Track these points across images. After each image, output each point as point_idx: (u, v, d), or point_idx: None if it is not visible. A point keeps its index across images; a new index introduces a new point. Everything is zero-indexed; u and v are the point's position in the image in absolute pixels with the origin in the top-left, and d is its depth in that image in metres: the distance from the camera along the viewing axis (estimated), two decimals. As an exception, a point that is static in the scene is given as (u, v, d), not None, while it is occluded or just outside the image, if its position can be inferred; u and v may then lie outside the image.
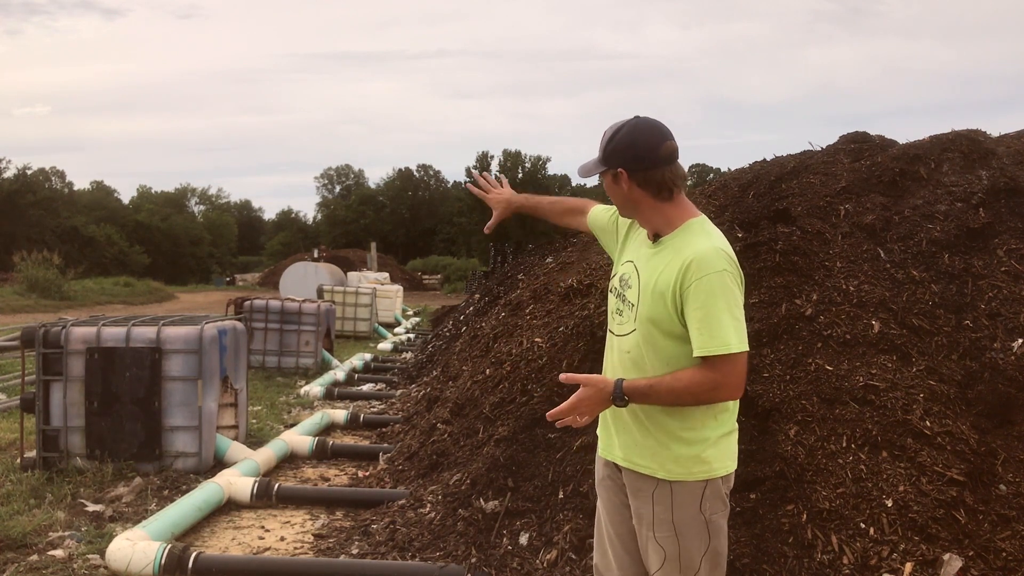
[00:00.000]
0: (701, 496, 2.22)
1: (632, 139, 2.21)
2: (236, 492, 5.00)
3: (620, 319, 2.33)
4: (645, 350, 2.22)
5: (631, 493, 2.33)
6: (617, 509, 2.41)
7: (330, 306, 12.19)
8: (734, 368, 2.08)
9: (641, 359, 2.23)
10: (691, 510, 2.22)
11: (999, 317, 4.16)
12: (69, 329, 5.55)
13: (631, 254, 2.39)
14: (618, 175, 2.24)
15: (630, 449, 2.29)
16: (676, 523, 2.23)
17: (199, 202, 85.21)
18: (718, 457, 2.23)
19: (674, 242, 2.23)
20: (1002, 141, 5.58)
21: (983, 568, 3.23)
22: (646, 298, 2.22)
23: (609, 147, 2.23)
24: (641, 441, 2.26)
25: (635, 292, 2.27)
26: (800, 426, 3.77)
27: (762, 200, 5.29)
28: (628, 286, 2.32)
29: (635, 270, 2.31)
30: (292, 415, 8.16)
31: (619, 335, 2.32)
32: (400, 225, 69.99)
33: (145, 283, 35.71)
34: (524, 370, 5.19)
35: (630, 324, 2.27)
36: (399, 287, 21.81)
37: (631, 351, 2.26)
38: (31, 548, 4.20)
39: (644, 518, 2.29)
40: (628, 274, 2.34)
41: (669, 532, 2.23)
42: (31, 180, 51.67)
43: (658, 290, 2.18)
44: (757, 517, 3.54)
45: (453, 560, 3.89)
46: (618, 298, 2.36)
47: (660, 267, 2.21)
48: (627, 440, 2.30)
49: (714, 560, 2.26)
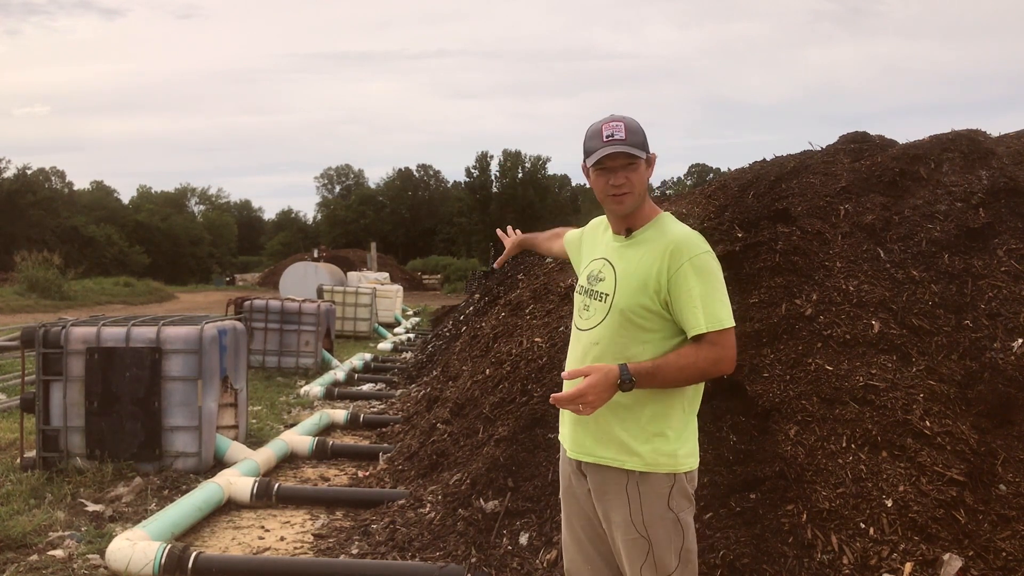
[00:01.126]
0: (668, 492, 2.24)
1: (642, 129, 2.31)
2: (236, 492, 5.00)
3: (587, 314, 2.36)
4: (613, 339, 2.26)
5: (597, 496, 2.33)
6: (586, 517, 2.41)
7: (330, 306, 12.19)
8: (729, 341, 2.19)
9: (608, 349, 2.26)
10: (659, 507, 2.24)
11: (999, 317, 4.16)
12: (69, 329, 5.55)
13: (597, 252, 2.44)
14: (652, 159, 2.34)
15: (597, 443, 2.29)
16: (646, 522, 2.24)
17: (199, 202, 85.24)
18: (684, 452, 2.27)
19: (648, 233, 2.33)
20: (1002, 141, 5.58)
21: (983, 568, 3.23)
22: (624, 287, 2.27)
23: (642, 133, 2.29)
24: (609, 433, 2.27)
25: (610, 283, 2.31)
26: (800, 426, 3.77)
27: (762, 200, 5.29)
28: (599, 279, 2.36)
29: (607, 264, 2.36)
30: (292, 415, 8.16)
31: (585, 329, 2.35)
32: (400, 225, 70.00)
33: (145, 283, 35.72)
34: (524, 370, 5.19)
35: (599, 316, 2.30)
36: (399, 287, 21.82)
37: (599, 342, 2.29)
38: (31, 548, 4.20)
39: (613, 520, 2.29)
40: (598, 269, 2.39)
41: (640, 533, 2.24)
42: (31, 180, 51.71)
43: (639, 278, 2.24)
44: (757, 517, 3.54)
45: (453, 560, 3.89)
46: (585, 295, 2.40)
47: (638, 256, 2.28)
48: (594, 434, 2.30)
49: (687, 557, 2.28)
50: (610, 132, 2.26)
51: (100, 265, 45.71)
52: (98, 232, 52.43)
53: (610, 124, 2.27)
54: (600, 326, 2.29)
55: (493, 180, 65.76)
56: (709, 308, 2.17)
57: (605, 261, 2.38)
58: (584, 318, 2.37)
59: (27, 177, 51.00)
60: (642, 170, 2.30)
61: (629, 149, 2.24)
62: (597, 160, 2.26)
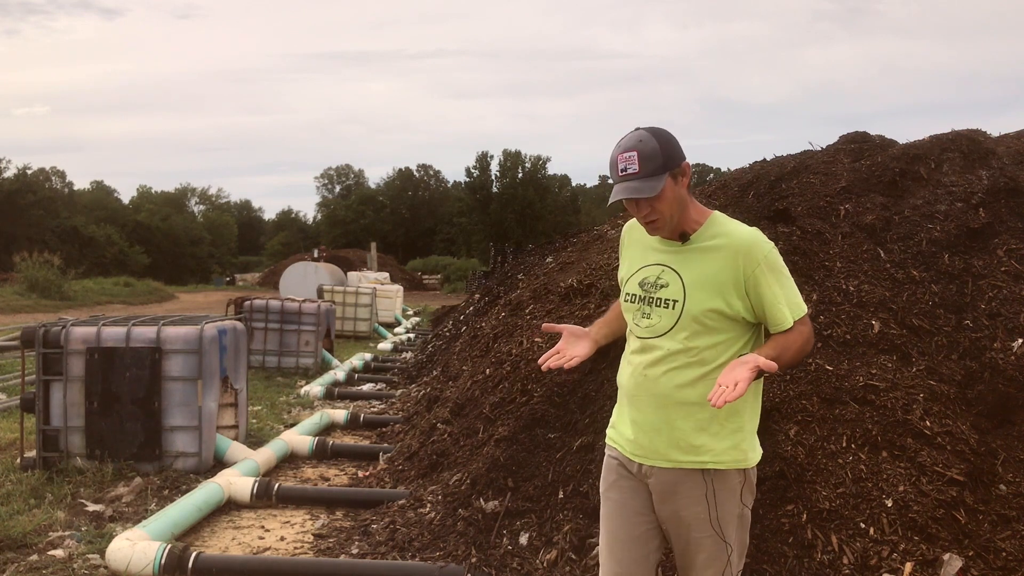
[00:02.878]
0: (740, 489, 2.29)
1: (665, 138, 2.22)
2: (236, 492, 5.00)
3: (648, 322, 2.32)
4: (685, 344, 2.26)
5: (663, 498, 2.31)
6: (634, 512, 2.38)
7: (330, 306, 12.19)
8: (810, 323, 2.32)
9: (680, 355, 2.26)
10: (733, 505, 2.29)
11: (999, 317, 4.17)
12: (69, 329, 5.55)
13: (649, 259, 2.38)
14: (683, 169, 2.25)
15: (673, 447, 2.28)
16: (721, 521, 2.27)
17: (199, 202, 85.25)
18: (752, 446, 2.32)
19: (708, 236, 2.29)
20: (1002, 141, 5.58)
21: (983, 568, 3.24)
22: (696, 293, 2.25)
23: (659, 155, 2.19)
24: (686, 436, 2.26)
25: (677, 289, 2.28)
26: (800, 426, 3.77)
27: (762, 200, 5.29)
28: (661, 286, 2.31)
29: (669, 270, 2.31)
30: (292, 415, 8.16)
31: (650, 337, 2.32)
32: (400, 225, 70.00)
33: (145, 283, 35.69)
34: (524, 370, 5.19)
35: (667, 322, 2.28)
36: (399, 287, 21.81)
37: (672, 347, 2.27)
38: (31, 548, 4.20)
39: (683, 517, 2.29)
40: (656, 275, 2.33)
41: (716, 531, 2.27)
42: (31, 180, 51.73)
43: (713, 284, 2.24)
44: (757, 517, 3.54)
45: (453, 560, 3.89)
46: (643, 303, 2.34)
47: (706, 261, 2.27)
48: (669, 438, 2.28)
49: (742, 552, 2.36)
50: (624, 166, 2.18)
51: (100, 265, 45.66)
52: (98, 232, 52.42)
53: (623, 156, 2.19)
54: (670, 333, 2.28)
55: (493, 180, 65.73)
56: (792, 298, 2.26)
57: (664, 267, 2.32)
58: (644, 326, 2.33)
59: (27, 177, 51.02)
60: (668, 192, 2.21)
61: (638, 192, 2.18)
62: (612, 203, 2.25)
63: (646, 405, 2.30)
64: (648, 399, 2.30)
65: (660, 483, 2.32)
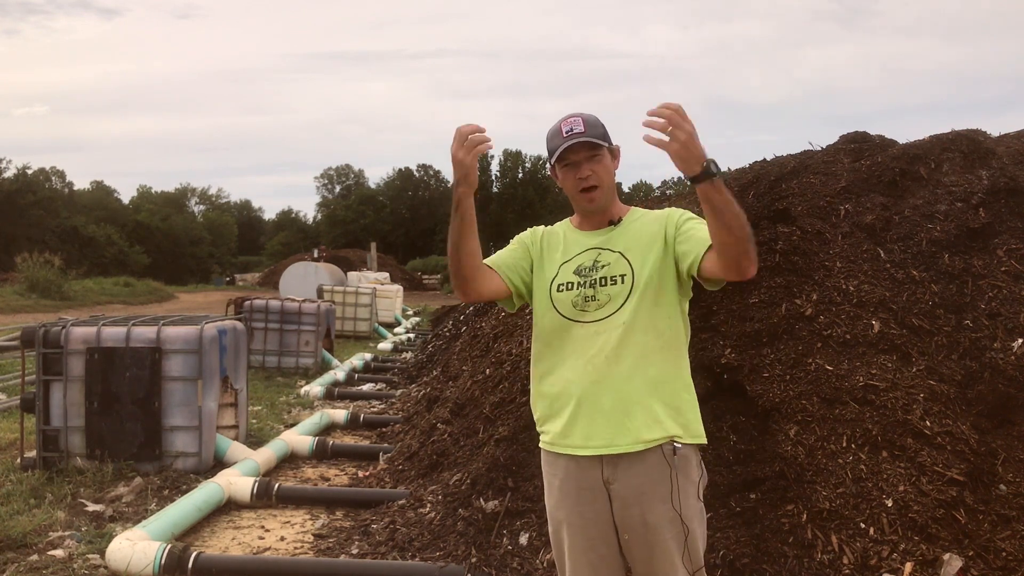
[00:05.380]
0: (699, 479, 2.30)
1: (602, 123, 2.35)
2: (236, 492, 5.00)
3: (597, 303, 2.29)
4: (638, 314, 2.24)
5: (632, 500, 2.23)
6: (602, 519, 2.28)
7: (330, 306, 12.20)
8: None
9: (635, 327, 2.24)
10: (692, 488, 2.27)
11: (999, 317, 4.16)
12: (69, 329, 5.55)
13: (577, 249, 2.38)
14: (617, 151, 2.38)
15: (645, 427, 2.22)
16: (682, 502, 2.21)
17: (199, 202, 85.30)
18: (701, 425, 2.33)
19: (632, 218, 2.39)
20: (1002, 141, 5.58)
21: (983, 568, 3.24)
22: (639, 257, 2.29)
23: (601, 126, 2.32)
24: (652, 412, 2.21)
25: (621, 265, 2.29)
26: (800, 426, 3.77)
27: (762, 200, 5.29)
28: (602, 265, 2.32)
29: (605, 251, 2.34)
30: (292, 415, 8.16)
31: (599, 319, 2.27)
32: (400, 225, 69.99)
33: (145, 283, 35.70)
34: (524, 370, 5.18)
35: (622, 293, 2.27)
36: (399, 287, 21.82)
37: (625, 322, 2.24)
38: (31, 548, 4.20)
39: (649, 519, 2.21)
40: (593, 259, 2.34)
41: (676, 511, 2.21)
42: (31, 180, 51.71)
43: (649, 241, 2.30)
44: (757, 517, 3.55)
45: (453, 560, 3.89)
46: (582, 287, 2.31)
47: (635, 231, 2.34)
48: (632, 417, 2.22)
49: (703, 538, 2.34)
50: (569, 128, 2.28)
51: (100, 265, 45.67)
52: (98, 232, 52.43)
53: (568, 120, 2.30)
54: (624, 307, 2.25)
55: (493, 180, 65.73)
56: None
57: (600, 250, 2.34)
58: (592, 310, 2.28)
59: (27, 177, 50.99)
60: (607, 162, 2.32)
61: (590, 139, 2.27)
62: (560, 155, 2.27)
63: (606, 392, 2.23)
64: (610, 384, 2.22)
65: (626, 484, 2.23)
